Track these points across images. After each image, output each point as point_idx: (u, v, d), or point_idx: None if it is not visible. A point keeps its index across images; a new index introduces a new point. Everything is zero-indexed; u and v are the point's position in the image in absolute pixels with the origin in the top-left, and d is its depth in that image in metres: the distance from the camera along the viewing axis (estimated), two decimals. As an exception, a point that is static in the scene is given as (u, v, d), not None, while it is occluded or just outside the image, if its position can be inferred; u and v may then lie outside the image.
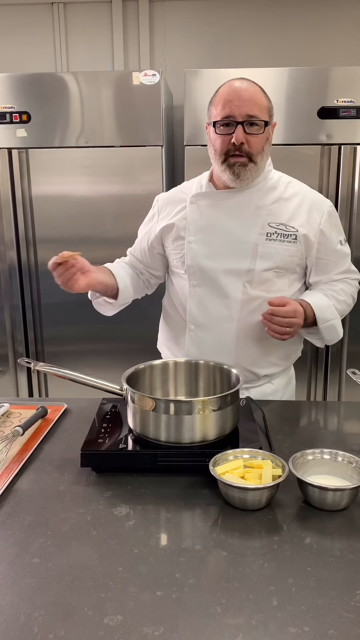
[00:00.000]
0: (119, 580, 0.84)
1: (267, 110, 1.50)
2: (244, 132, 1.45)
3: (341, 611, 0.78)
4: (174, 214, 1.63)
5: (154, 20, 3.35)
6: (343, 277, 1.66)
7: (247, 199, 1.56)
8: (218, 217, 1.57)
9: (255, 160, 1.49)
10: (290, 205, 1.57)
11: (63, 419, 1.43)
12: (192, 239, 1.59)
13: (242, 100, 1.45)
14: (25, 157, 2.71)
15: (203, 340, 1.60)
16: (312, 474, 1.07)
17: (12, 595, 0.81)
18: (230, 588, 0.82)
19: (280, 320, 1.45)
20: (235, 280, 1.55)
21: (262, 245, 1.53)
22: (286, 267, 1.57)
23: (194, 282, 1.60)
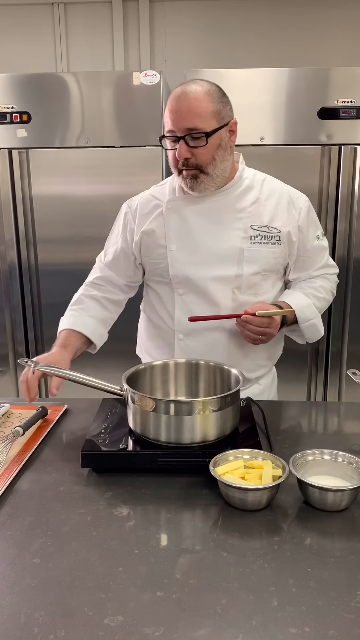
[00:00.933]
0: (119, 580, 0.84)
1: (213, 115, 1.40)
2: (187, 146, 1.40)
3: (341, 612, 0.78)
4: (150, 221, 1.57)
5: (155, 20, 3.35)
6: (322, 273, 1.64)
7: (226, 202, 1.52)
8: (198, 222, 1.53)
9: (207, 171, 1.44)
10: (269, 205, 1.54)
11: (63, 419, 1.44)
12: (174, 247, 1.53)
13: (180, 114, 1.39)
14: (25, 157, 2.70)
15: (193, 348, 1.55)
16: (313, 474, 1.07)
17: (13, 596, 0.81)
18: (231, 588, 0.82)
19: (252, 329, 1.44)
20: (224, 287, 1.52)
21: (248, 249, 1.51)
22: (272, 269, 1.55)
23: (181, 290, 1.55)
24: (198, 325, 1.52)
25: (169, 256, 1.54)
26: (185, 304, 1.55)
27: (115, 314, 1.69)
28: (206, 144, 1.40)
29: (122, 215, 1.65)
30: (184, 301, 1.55)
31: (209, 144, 1.41)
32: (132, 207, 1.63)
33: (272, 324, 1.46)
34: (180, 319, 1.56)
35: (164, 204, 1.56)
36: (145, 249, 1.59)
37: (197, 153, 1.41)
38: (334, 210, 2.68)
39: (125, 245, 1.62)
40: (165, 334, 1.61)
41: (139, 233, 1.58)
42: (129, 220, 1.62)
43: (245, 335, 1.47)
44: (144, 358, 1.72)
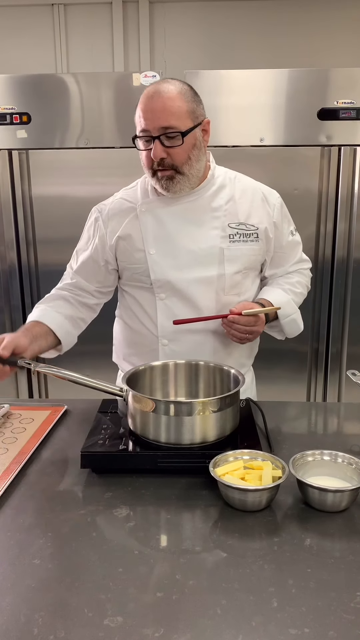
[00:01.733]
0: (119, 581, 0.84)
1: (188, 114, 1.39)
2: (162, 146, 1.38)
3: (341, 612, 0.78)
4: (124, 225, 1.53)
5: (154, 21, 3.35)
6: (297, 268, 1.66)
7: (201, 201, 1.51)
8: (175, 224, 1.50)
9: (182, 171, 1.42)
10: (244, 203, 1.53)
11: (63, 420, 1.44)
12: (153, 251, 1.50)
13: (154, 113, 1.37)
14: (25, 158, 2.70)
15: (178, 353, 1.51)
16: (312, 475, 1.07)
17: (13, 596, 0.81)
18: (230, 589, 0.82)
19: (240, 328, 1.44)
20: (207, 288, 1.51)
21: (228, 248, 1.50)
22: (251, 266, 1.56)
23: (162, 295, 1.52)
24: (182, 329, 1.50)
25: (148, 260, 1.51)
26: (168, 308, 1.52)
27: (87, 317, 1.63)
28: (182, 144, 1.39)
29: (92, 221, 1.61)
30: (167, 305, 1.52)
31: (185, 143, 1.39)
32: (102, 212, 1.59)
33: (258, 322, 1.46)
34: (164, 324, 1.53)
35: (137, 206, 1.54)
36: (122, 254, 1.54)
37: (172, 153, 1.40)
38: (333, 211, 2.68)
39: (95, 251, 1.57)
40: (147, 340, 1.57)
41: (114, 238, 1.54)
42: (99, 226, 1.58)
43: (232, 335, 1.47)
44: (122, 365, 1.67)
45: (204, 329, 1.52)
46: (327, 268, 2.73)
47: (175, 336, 1.53)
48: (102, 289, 1.62)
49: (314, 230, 2.70)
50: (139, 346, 1.60)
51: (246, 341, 1.49)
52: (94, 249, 1.57)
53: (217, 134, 2.65)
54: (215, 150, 2.63)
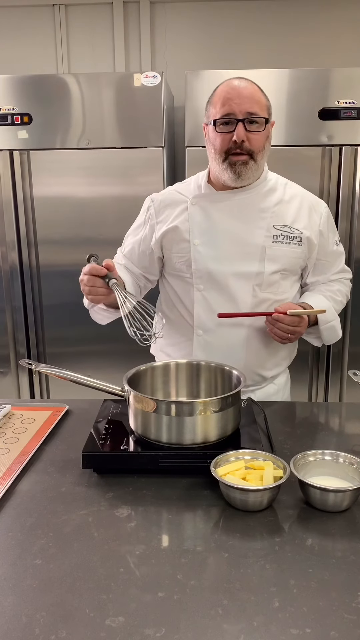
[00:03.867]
0: (120, 581, 0.84)
1: (267, 108, 1.49)
2: (244, 130, 1.44)
3: (343, 613, 0.77)
4: (174, 216, 1.59)
5: (155, 21, 3.35)
6: (339, 277, 1.69)
7: (249, 200, 1.55)
8: (222, 218, 1.55)
9: (256, 159, 1.48)
10: (291, 208, 1.57)
11: (64, 420, 1.44)
12: (197, 242, 1.56)
13: (242, 98, 1.44)
14: (26, 159, 2.71)
15: (212, 345, 1.57)
16: (314, 475, 1.07)
17: (14, 597, 0.81)
18: (232, 589, 0.82)
19: (283, 327, 1.47)
20: (245, 283, 1.54)
21: (270, 247, 1.53)
22: (291, 269, 1.58)
23: (201, 286, 1.57)
24: (219, 322, 1.54)
25: (192, 250, 1.56)
26: (205, 300, 1.57)
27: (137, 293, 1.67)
28: (264, 130, 1.46)
29: (145, 209, 1.67)
30: (204, 297, 1.57)
31: (265, 130, 1.47)
32: (155, 202, 1.65)
33: (301, 323, 1.49)
34: (200, 315, 1.58)
35: (188, 199, 1.59)
36: (168, 243, 1.60)
37: (252, 138, 1.46)
38: (334, 211, 2.68)
39: (144, 238, 1.65)
40: (184, 330, 1.62)
41: (162, 228, 1.60)
42: (150, 215, 1.64)
43: (274, 334, 1.50)
44: (159, 356, 1.73)
45: (242, 325, 1.56)
46: (329, 268, 2.73)
47: (211, 327, 1.57)
48: (147, 275, 1.69)
49: (315, 230, 2.70)
50: (174, 336, 1.66)
51: (287, 341, 1.52)
52: (143, 236, 1.65)
53: (218, 134, 2.65)
54: (216, 151, 2.64)
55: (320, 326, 1.59)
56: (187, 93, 2.62)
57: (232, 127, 1.45)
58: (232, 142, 1.45)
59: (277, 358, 1.64)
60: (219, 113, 1.46)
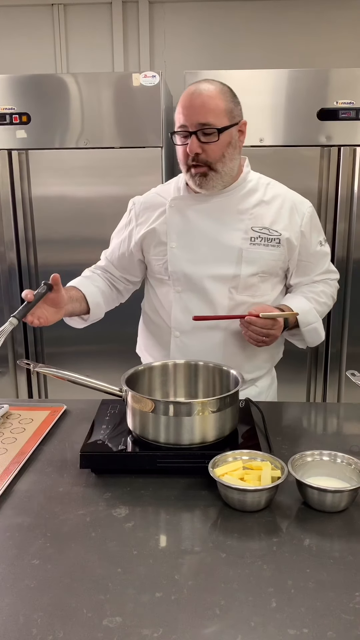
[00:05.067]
0: (118, 581, 0.84)
1: (226, 113, 1.43)
2: (198, 142, 1.42)
3: (340, 613, 0.78)
4: (153, 218, 1.59)
5: (154, 21, 3.35)
6: (324, 278, 1.66)
7: (228, 202, 1.53)
8: (200, 221, 1.54)
9: (216, 169, 1.46)
10: (271, 209, 1.55)
11: (62, 420, 1.43)
12: (174, 245, 1.54)
13: (193, 109, 1.41)
14: (25, 158, 2.71)
15: (189, 346, 1.56)
16: (311, 475, 1.07)
17: (11, 597, 0.81)
18: (229, 590, 0.82)
19: (256, 330, 1.45)
20: (221, 286, 1.53)
21: (247, 250, 1.51)
22: (270, 271, 1.56)
23: (179, 288, 1.56)
24: (196, 324, 1.53)
25: (168, 253, 1.56)
26: (183, 302, 1.56)
27: (116, 298, 1.73)
28: (217, 140, 1.43)
29: (128, 212, 1.68)
30: (182, 299, 1.56)
31: (220, 140, 1.43)
32: (136, 204, 1.66)
33: (275, 326, 1.47)
34: (177, 317, 1.57)
35: (167, 202, 1.58)
36: (147, 246, 1.61)
37: (207, 149, 1.43)
38: (333, 212, 2.68)
39: (124, 241, 1.65)
40: (163, 332, 1.63)
41: (142, 230, 1.60)
42: (132, 217, 1.65)
43: (248, 336, 1.48)
44: (143, 356, 1.74)
45: (219, 327, 1.55)
46: (327, 268, 2.73)
47: (188, 329, 1.56)
48: (129, 277, 1.70)
49: (314, 230, 2.70)
50: (155, 337, 1.67)
51: (262, 344, 1.50)
52: (124, 239, 1.66)
53: (217, 134, 2.65)
54: (215, 151, 2.64)
55: (302, 328, 1.57)
56: (186, 93, 2.62)
57: (188, 139, 1.43)
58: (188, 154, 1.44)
59: (257, 360, 1.62)
60: (176, 123, 1.46)
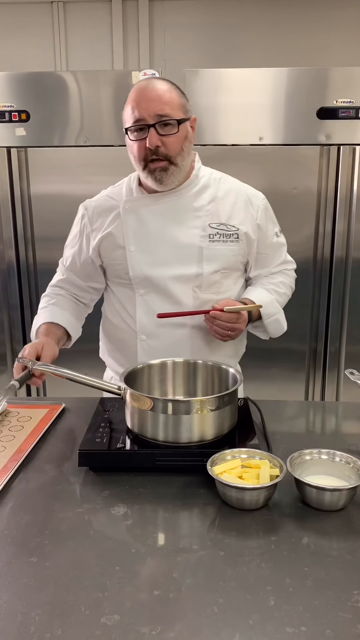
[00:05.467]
0: (116, 579, 0.84)
1: (180, 107, 1.44)
2: (157, 135, 1.40)
3: (338, 611, 0.78)
4: (108, 222, 1.55)
5: (154, 19, 3.35)
6: (281, 269, 1.68)
7: (183, 200, 1.52)
8: (156, 222, 1.52)
9: (176, 162, 1.44)
10: (226, 204, 1.54)
11: (61, 418, 1.43)
12: (133, 248, 1.52)
13: (149, 101, 1.39)
14: (24, 156, 2.70)
15: (156, 349, 1.53)
16: (310, 474, 1.07)
17: (9, 595, 0.81)
18: (228, 588, 0.82)
19: (221, 324, 1.45)
20: (185, 286, 1.52)
21: (207, 248, 1.51)
22: (231, 267, 1.56)
23: (142, 291, 1.54)
24: (162, 325, 1.52)
25: (128, 257, 1.53)
26: (147, 304, 1.54)
27: (84, 312, 1.70)
28: (177, 132, 1.42)
29: (79, 217, 1.62)
30: (145, 301, 1.54)
31: (179, 132, 1.42)
32: (88, 210, 1.60)
33: (240, 319, 1.47)
34: (142, 320, 1.55)
35: (120, 204, 1.55)
36: (105, 251, 1.57)
37: (167, 142, 1.41)
38: (332, 211, 2.68)
39: (81, 248, 1.60)
40: (127, 336, 1.59)
41: (97, 236, 1.56)
42: (85, 224, 1.60)
43: (214, 331, 1.48)
44: (107, 361, 1.70)
45: (184, 326, 1.53)
46: (326, 267, 2.73)
47: (154, 332, 1.54)
48: (94, 285, 1.65)
49: (313, 229, 2.70)
50: (119, 342, 1.63)
51: (228, 338, 1.50)
52: (80, 246, 1.61)
53: (216, 133, 2.65)
54: (214, 149, 2.64)
55: (265, 320, 1.58)
56: (186, 91, 2.60)
57: (145, 134, 1.40)
58: (147, 148, 1.41)
59: (223, 357, 1.59)
60: (130, 119, 1.42)
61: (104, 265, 1.61)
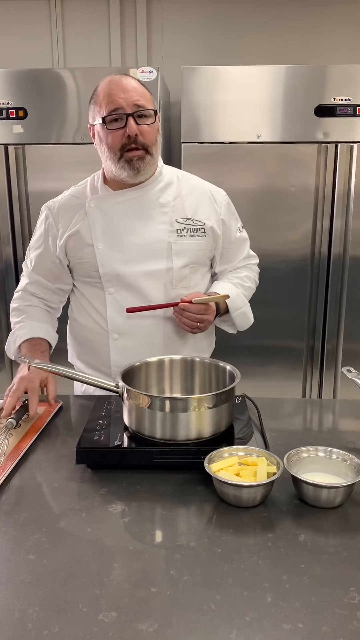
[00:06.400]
0: (113, 576, 0.84)
1: (152, 101, 1.47)
2: (136, 124, 1.41)
3: (335, 608, 0.78)
4: (74, 222, 1.55)
5: (152, 16, 3.34)
6: (245, 264, 1.71)
7: (148, 197, 1.54)
8: (123, 219, 1.53)
9: (152, 152, 1.46)
10: (191, 200, 1.57)
11: (58, 415, 1.43)
12: (101, 246, 1.52)
13: (127, 92, 1.41)
14: (21, 153, 2.70)
15: (129, 347, 1.54)
16: (307, 471, 1.07)
17: (7, 592, 0.81)
18: (225, 585, 0.82)
19: (190, 316, 1.47)
20: (156, 281, 1.53)
21: (175, 242, 1.53)
22: (199, 261, 1.59)
23: (112, 289, 1.54)
24: (132, 322, 1.52)
25: (97, 255, 1.52)
26: (117, 302, 1.54)
27: (56, 317, 1.70)
28: (154, 122, 1.45)
29: (43, 218, 1.61)
30: (116, 299, 1.54)
31: (155, 123, 1.46)
32: (53, 210, 1.59)
33: (208, 311, 1.50)
34: (113, 319, 1.55)
35: (86, 202, 1.55)
36: (72, 250, 1.56)
37: (144, 131, 1.43)
38: (330, 208, 2.68)
39: (47, 249, 1.59)
40: (98, 336, 1.59)
41: (64, 236, 1.55)
42: (50, 224, 1.59)
43: (183, 324, 1.50)
44: (76, 365, 1.68)
45: (155, 321, 1.55)
46: (324, 265, 2.74)
47: (126, 329, 1.55)
48: (61, 286, 1.64)
49: (310, 227, 2.70)
50: (90, 343, 1.62)
51: (197, 330, 1.52)
52: (46, 247, 1.59)
53: (214, 130, 2.65)
54: (212, 147, 2.64)
55: (232, 313, 1.61)
56: (184, 89, 2.62)
57: (122, 123, 1.41)
58: (125, 137, 1.42)
59: (195, 352, 1.61)
60: (106, 110, 1.42)
61: (71, 265, 1.59)
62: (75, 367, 1.68)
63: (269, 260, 2.61)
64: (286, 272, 2.73)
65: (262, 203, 2.66)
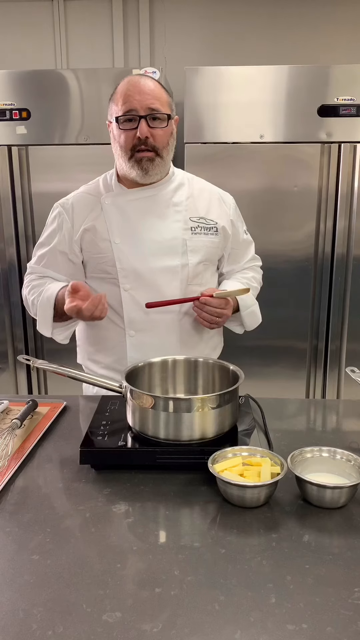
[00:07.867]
0: (117, 577, 0.84)
1: (168, 104, 1.49)
2: (147, 126, 1.45)
3: (339, 608, 0.78)
4: (89, 217, 1.55)
5: (155, 17, 3.34)
6: (251, 265, 1.74)
7: (162, 195, 1.56)
8: (139, 215, 1.55)
9: (162, 155, 1.49)
10: (202, 200, 1.61)
11: (62, 416, 1.44)
12: (118, 241, 1.53)
13: (142, 94, 1.44)
14: (25, 154, 2.70)
15: (146, 344, 1.54)
16: (311, 471, 1.07)
17: (11, 592, 0.81)
18: (229, 585, 0.82)
19: (210, 310, 1.48)
20: (172, 277, 1.54)
21: (190, 239, 1.55)
22: (211, 259, 1.62)
23: (127, 285, 1.53)
24: (150, 318, 1.52)
25: (114, 249, 1.53)
26: (133, 299, 1.54)
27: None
28: (166, 126, 1.47)
29: (56, 215, 1.61)
30: (132, 296, 1.54)
31: (168, 126, 1.48)
32: (66, 207, 1.60)
33: (227, 305, 1.52)
34: (130, 315, 1.55)
35: (100, 199, 1.57)
36: (88, 245, 1.56)
37: (155, 134, 1.46)
38: (333, 208, 2.68)
39: (61, 244, 1.58)
40: (113, 334, 1.58)
41: (79, 231, 1.56)
42: (64, 220, 1.58)
43: (203, 318, 1.50)
44: (88, 365, 1.66)
45: (172, 317, 1.55)
46: (327, 265, 2.73)
47: (143, 326, 1.55)
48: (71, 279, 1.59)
49: (314, 227, 2.70)
50: (104, 342, 1.60)
51: (215, 325, 1.53)
52: (59, 242, 1.58)
53: (217, 131, 2.65)
54: (215, 147, 2.64)
55: (242, 312, 1.62)
56: (186, 89, 2.62)
57: (135, 124, 1.45)
58: (136, 138, 1.45)
59: (207, 349, 1.64)
60: (121, 110, 1.47)
61: (85, 260, 1.59)
62: (85, 368, 1.67)
63: (272, 261, 2.61)
64: (289, 272, 2.73)
65: (265, 203, 2.66)
